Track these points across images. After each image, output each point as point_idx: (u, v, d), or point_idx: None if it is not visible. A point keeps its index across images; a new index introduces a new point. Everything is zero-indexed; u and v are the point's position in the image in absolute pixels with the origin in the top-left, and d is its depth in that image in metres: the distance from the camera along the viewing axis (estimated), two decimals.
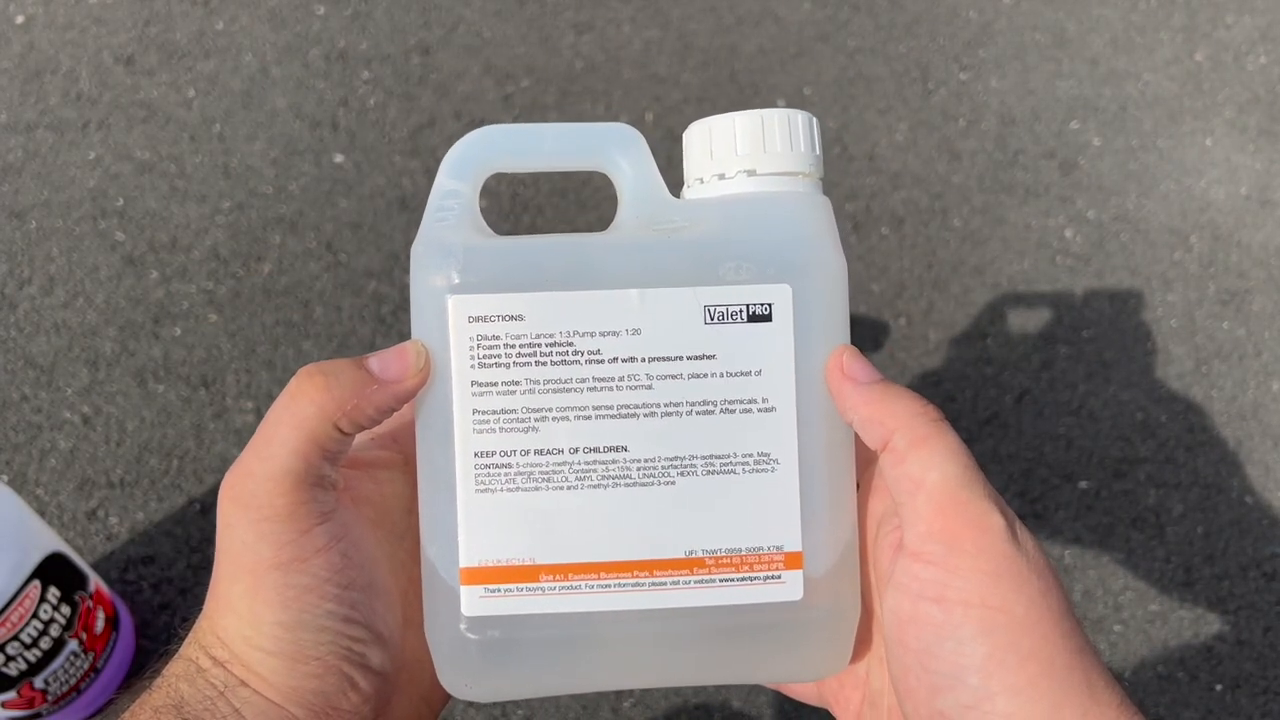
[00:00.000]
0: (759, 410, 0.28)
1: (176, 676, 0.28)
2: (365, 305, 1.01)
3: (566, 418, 0.28)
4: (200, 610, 0.29)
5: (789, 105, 1.19)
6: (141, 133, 1.13)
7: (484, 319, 0.28)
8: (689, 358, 0.28)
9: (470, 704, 0.80)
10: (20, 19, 1.21)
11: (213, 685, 0.27)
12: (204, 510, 0.89)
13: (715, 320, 0.28)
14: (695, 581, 0.28)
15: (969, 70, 1.24)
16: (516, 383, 0.28)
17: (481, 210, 0.30)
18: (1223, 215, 1.13)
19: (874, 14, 1.28)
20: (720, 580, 0.28)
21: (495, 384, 0.28)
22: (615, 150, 0.29)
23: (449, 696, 0.31)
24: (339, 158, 1.12)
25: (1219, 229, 1.11)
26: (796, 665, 0.30)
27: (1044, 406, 0.99)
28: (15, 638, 0.68)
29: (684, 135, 0.31)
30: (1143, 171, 1.16)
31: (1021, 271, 1.08)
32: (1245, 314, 1.06)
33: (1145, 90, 1.23)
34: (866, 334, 1.03)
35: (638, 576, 0.28)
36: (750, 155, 0.29)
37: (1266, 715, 0.84)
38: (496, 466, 0.28)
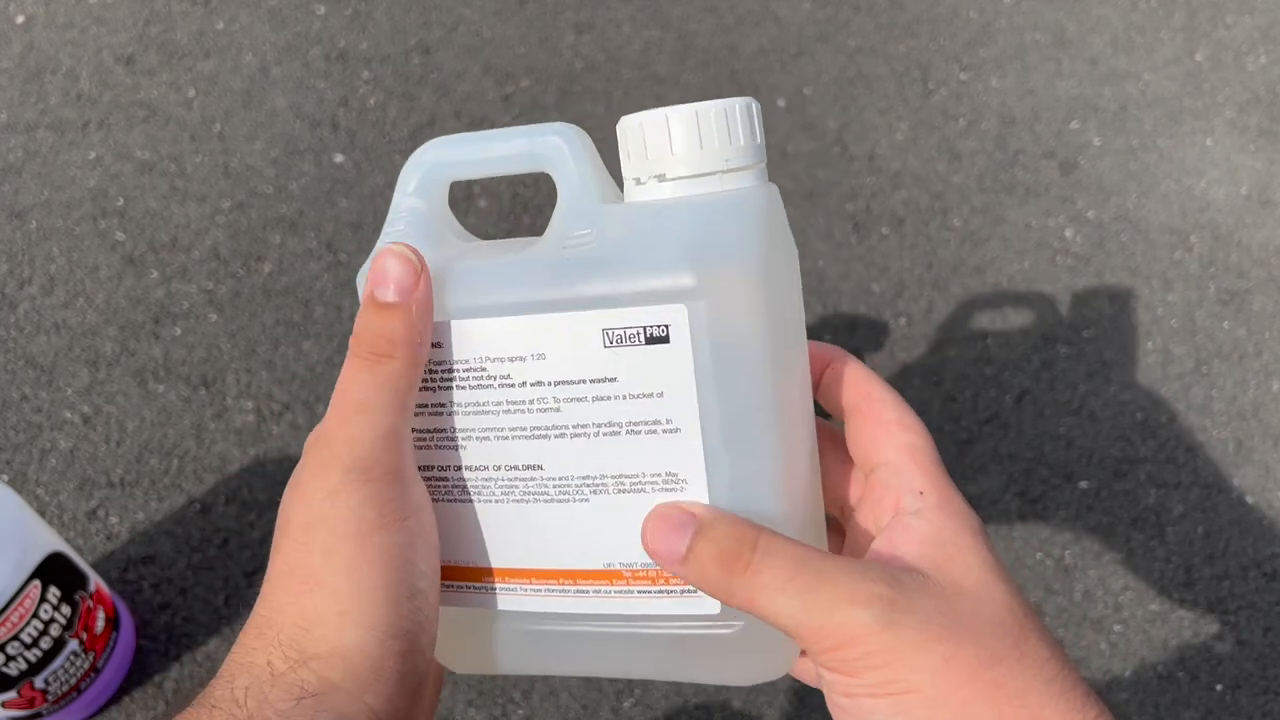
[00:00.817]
0: (664, 431, 0.27)
1: (245, 690, 0.26)
2: None
3: (488, 438, 0.29)
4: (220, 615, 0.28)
5: (788, 106, 1.19)
6: (142, 132, 1.13)
7: None
8: (591, 381, 0.28)
9: (470, 704, 0.80)
10: (20, 19, 1.21)
11: (288, 694, 0.26)
12: (204, 510, 0.89)
13: (614, 343, 0.27)
14: (616, 591, 0.29)
15: (969, 70, 1.24)
16: (443, 405, 0.29)
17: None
18: (1223, 215, 1.13)
19: (874, 14, 1.28)
20: (639, 591, 0.29)
21: (427, 405, 0.29)
22: (555, 152, 0.29)
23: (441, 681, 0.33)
24: (339, 157, 1.12)
25: (1219, 229, 1.11)
26: (727, 671, 0.30)
27: (1044, 406, 0.99)
28: (15, 637, 0.68)
29: None
30: (1143, 171, 1.16)
31: (1021, 271, 1.08)
32: (1245, 314, 1.06)
33: (1145, 90, 1.23)
34: (867, 334, 1.03)
35: (563, 584, 0.29)
36: (659, 159, 0.28)
37: (1267, 715, 0.84)
38: (438, 479, 0.30)
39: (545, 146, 0.29)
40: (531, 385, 0.28)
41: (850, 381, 0.31)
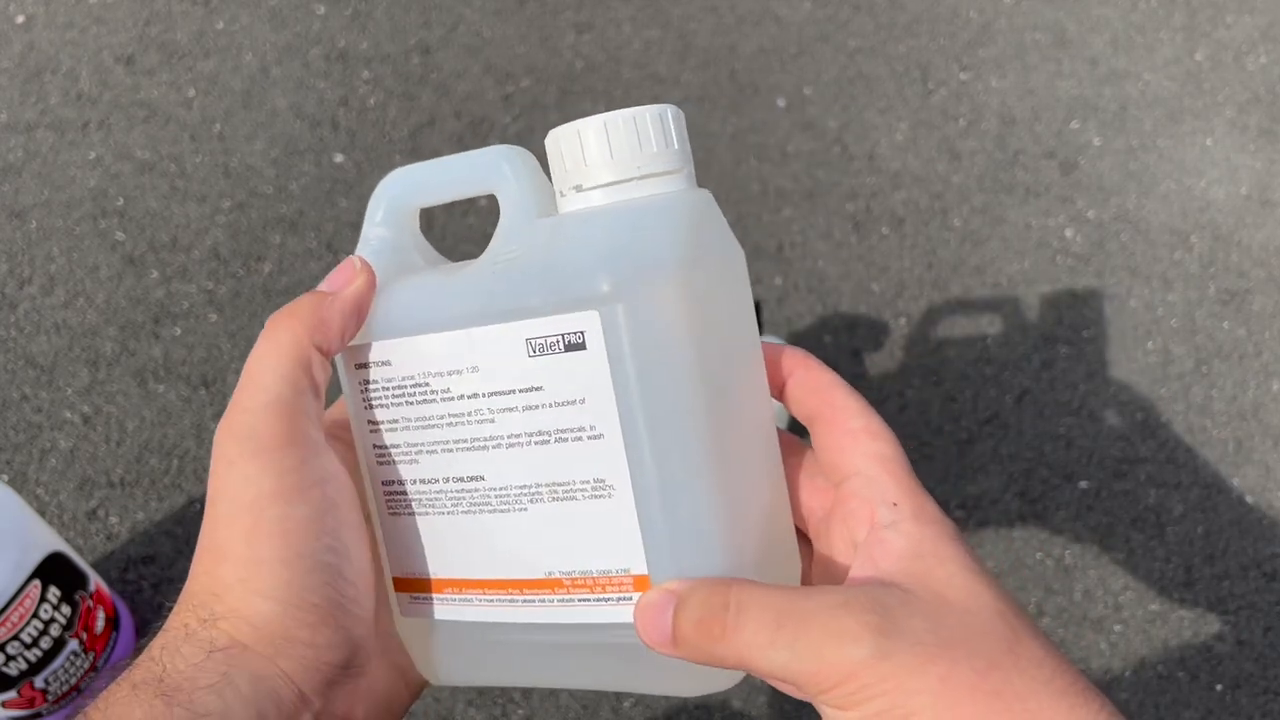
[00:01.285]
0: (588, 438, 0.28)
1: (161, 649, 0.27)
2: None
3: (435, 451, 0.30)
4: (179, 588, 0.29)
5: (788, 106, 1.19)
6: (142, 132, 1.13)
7: (363, 366, 0.30)
8: (520, 390, 0.28)
9: (470, 703, 0.80)
10: (20, 19, 1.21)
11: (200, 649, 0.27)
12: (204, 510, 0.89)
13: (537, 352, 0.28)
14: (558, 600, 0.29)
15: (969, 70, 1.24)
16: (395, 421, 0.30)
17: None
18: (1223, 215, 1.13)
19: (874, 14, 1.28)
20: (579, 600, 0.29)
21: (382, 423, 0.31)
22: (497, 174, 0.30)
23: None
24: (339, 157, 1.12)
25: (1219, 229, 1.11)
26: (673, 680, 0.30)
27: (1044, 406, 0.99)
28: (15, 637, 0.68)
29: None
30: (1143, 171, 1.16)
31: (1021, 271, 1.08)
32: (1245, 314, 1.06)
33: (1145, 90, 1.23)
34: (867, 334, 1.03)
35: (511, 593, 0.30)
36: (575, 171, 0.29)
37: (1267, 715, 0.85)
38: (397, 493, 0.31)
39: (489, 169, 0.30)
40: (468, 398, 0.29)
41: (811, 387, 0.31)
